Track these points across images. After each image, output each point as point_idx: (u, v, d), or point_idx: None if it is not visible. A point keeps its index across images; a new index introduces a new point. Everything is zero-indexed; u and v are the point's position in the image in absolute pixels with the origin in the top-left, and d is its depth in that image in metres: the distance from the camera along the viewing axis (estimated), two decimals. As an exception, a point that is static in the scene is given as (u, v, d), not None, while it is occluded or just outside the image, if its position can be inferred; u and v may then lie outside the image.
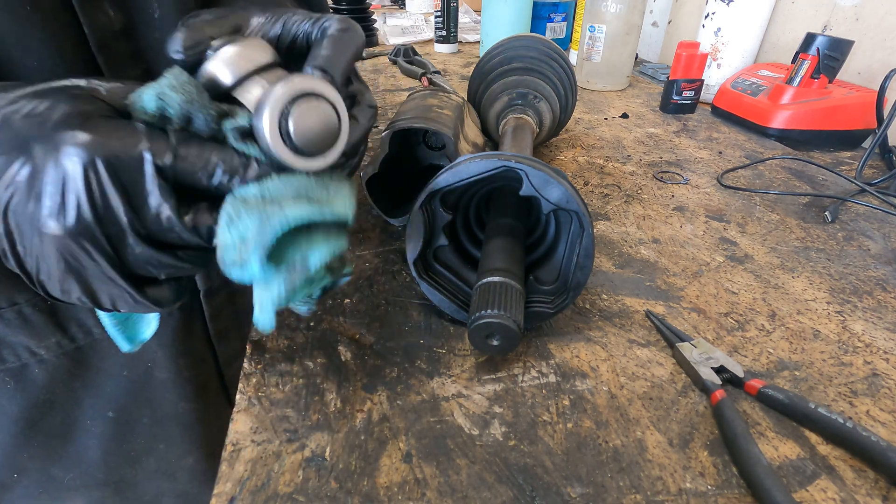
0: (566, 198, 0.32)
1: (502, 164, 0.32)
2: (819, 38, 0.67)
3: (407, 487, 0.27)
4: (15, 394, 0.39)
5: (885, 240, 0.49)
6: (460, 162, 0.33)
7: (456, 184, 0.33)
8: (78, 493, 0.46)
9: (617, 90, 0.98)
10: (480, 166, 0.32)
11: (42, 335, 0.38)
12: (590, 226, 0.33)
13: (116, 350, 0.42)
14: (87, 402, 0.43)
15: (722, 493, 0.26)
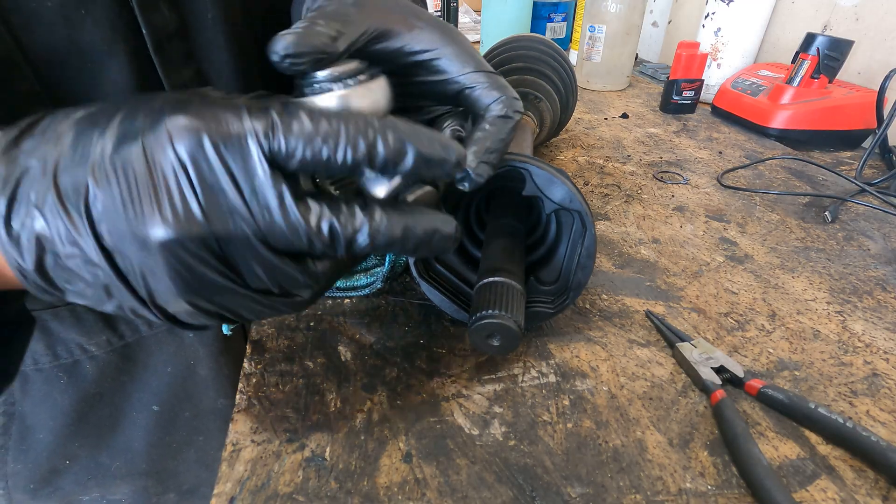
0: (569, 197, 0.32)
1: (506, 164, 0.32)
2: (819, 38, 0.67)
3: (407, 487, 0.27)
4: (67, 387, 0.42)
5: (885, 240, 0.49)
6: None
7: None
8: (123, 480, 0.48)
9: (617, 90, 0.98)
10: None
11: (93, 332, 0.40)
12: (592, 226, 0.33)
13: (162, 347, 0.44)
14: (134, 395, 0.45)
15: (722, 493, 0.26)
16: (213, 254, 0.19)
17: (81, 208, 0.18)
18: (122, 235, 0.18)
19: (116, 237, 0.18)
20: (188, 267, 0.19)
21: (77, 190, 0.18)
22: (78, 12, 0.28)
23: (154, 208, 0.18)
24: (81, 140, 0.18)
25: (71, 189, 0.18)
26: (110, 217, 0.18)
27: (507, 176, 0.33)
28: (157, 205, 0.18)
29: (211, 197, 0.18)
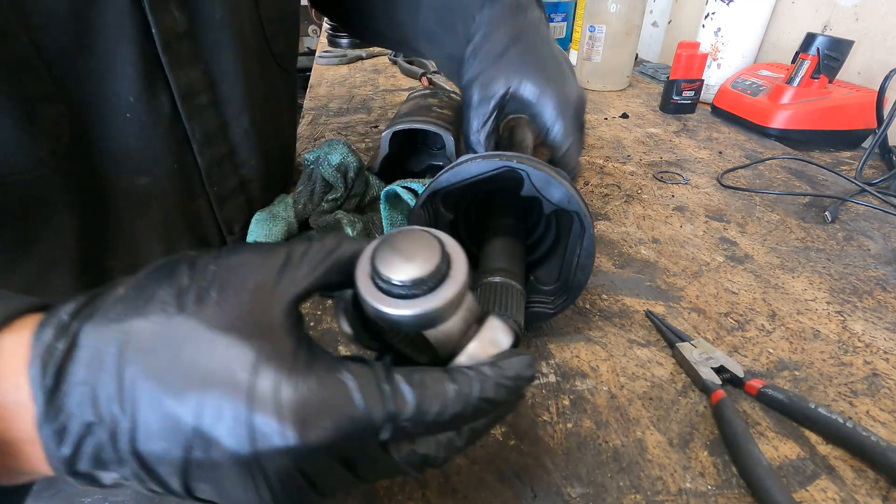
0: (567, 198, 0.32)
1: (503, 165, 0.32)
2: (819, 38, 0.67)
3: (407, 487, 0.27)
4: None
5: (885, 240, 0.49)
6: (461, 162, 0.33)
7: (457, 184, 0.33)
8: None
9: (617, 90, 0.98)
10: (481, 166, 0.32)
11: None
12: (591, 226, 0.33)
13: None
14: None
15: (722, 493, 0.26)
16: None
17: (177, 485, 0.17)
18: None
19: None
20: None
21: (163, 465, 0.17)
22: (90, 12, 0.28)
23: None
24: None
25: (155, 463, 0.17)
26: (202, 491, 0.17)
27: (505, 176, 0.32)
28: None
29: (328, 479, 0.18)
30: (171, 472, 0.17)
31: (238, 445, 0.16)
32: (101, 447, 0.16)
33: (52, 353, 0.16)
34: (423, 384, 0.18)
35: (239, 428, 0.16)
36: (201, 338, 0.17)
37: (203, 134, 0.36)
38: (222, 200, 0.40)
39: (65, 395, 0.16)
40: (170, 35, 0.32)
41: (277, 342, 0.17)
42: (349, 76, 1.04)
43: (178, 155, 0.35)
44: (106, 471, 0.17)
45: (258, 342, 0.17)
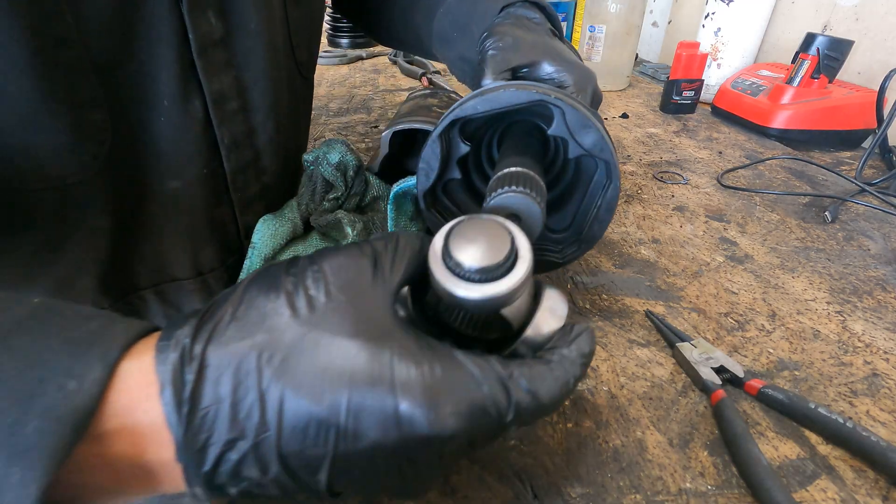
0: (601, 145, 0.29)
1: (540, 98, 0.29)
2: (819, 38, 0.67)
3: (407, 487, 0.27)
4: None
5: (885, 240, 0.49)
6: (492, 88, 0.30)
7: (484, 113, 0.30)
8: None
9: (617, 90, 0.98)
10: (516, 96, 0.29)
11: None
12: (618, 178, 0.30)
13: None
14: None
15: (722, 493, 0.26)
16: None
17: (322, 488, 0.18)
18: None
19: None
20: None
21: (309, 473, 0.18)
22: (133, 17, 0.29)
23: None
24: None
25: (301, 471, 0.18)
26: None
27: (531, 111, 0.30)
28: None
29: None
30: (315, 471, 0.18)
31: (385, 436, 0.17)
32: (243, 460, 0.17)
33: (183, 378, 0.17)
34: (532, 375, 0.20)
35: (386, 419, 0.17)
36: (329, 343, 0.18)
37: (231, 139, 0.36)
38: (245, 207, 0.40)
39: (202, 415, 0.17)
40: (206, 41, 0.32)
41: (400, 338, 0.19)
42: (349, 76, 1.04)
43: (207, 160, 0.36)
44: (239, 482, 0.18)
45: (384, 341, 0.18)
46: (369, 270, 0.20)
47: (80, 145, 0.28)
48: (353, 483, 0.19)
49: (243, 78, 0.36)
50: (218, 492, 0.18)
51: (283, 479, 0.18)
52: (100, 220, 0.31)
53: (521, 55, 0.36)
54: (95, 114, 0.28)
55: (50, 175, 0.27)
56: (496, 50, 0.36)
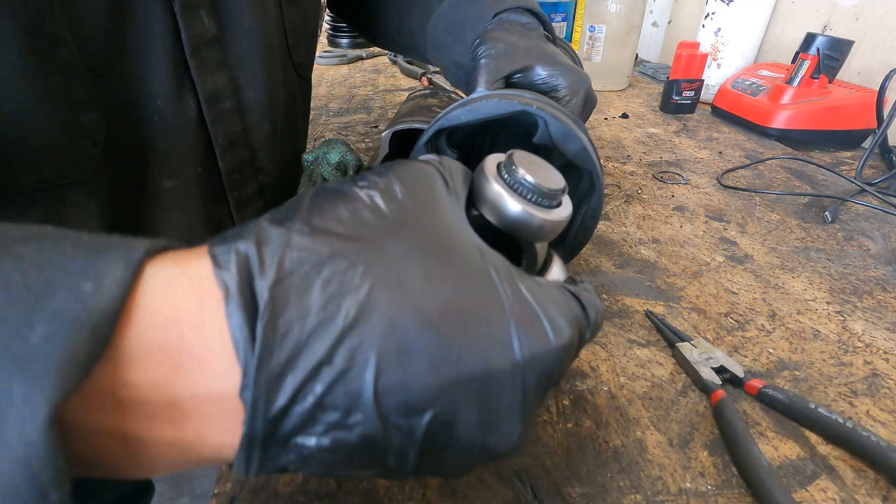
0: (584, 154, 0.29)
1: (522, 108, 0.29)
2: (819, 38, 0.67)
3: (407, 487, 0.27)
4: None
5: (885, 240, 0.49)
6: (475, 98, 0.30)
7: (467, 123, 0.30)
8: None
9: (617, 90, 0.98)
10: (497, 107, 0.29)
11: None
12: (601, 187, 0.30)
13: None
14: None
15: (722, 493, 0.26)
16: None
17: (416, 443, 0.15)
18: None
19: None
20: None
21: (410, 416, 0.15)
22: (126, 16, 0.29)
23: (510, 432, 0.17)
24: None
25: (398, 410, 0.15)
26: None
27: (519, 119, 0.30)
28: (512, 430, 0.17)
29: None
30: (413, 410, 0.15)
31: (502, 350, 0.16)
32: (328, 393, 0.14)
33: (253, 285, 0.14)
34: (589, 293, 0.20)
35: (502, 332, 0.16)
36: (430, 252, 0.16)
37: (226, 139, 0.36)
38: (241, 206, 0.40)
39: (283, 333, 0.14)
40: (199, 41, 0.32)
41: (491, 253, 0.17)
42: (349, 76, 1.04)
43: (202, 159, 0.36)
44: (311, 430, 0.14)
45: (482, 255, 0.17)
46: (443, 185, 0.19)
47: (74, 145, 0.28)
48: (453, 433, 0.16)
49: (237, 77, 0.36)
50: (272, 462, 0.15)
51: (372, 424, 0.14)
52: (95, 220, 0.31)
53: (514, 61, 0.36)
54: (89, 114, 0.28)
55: (44, 175, 0.27)
56: (488, 58, 0.36)
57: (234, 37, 0.35)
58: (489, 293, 0.16)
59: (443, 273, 0.16)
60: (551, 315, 0.17)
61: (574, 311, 0.18)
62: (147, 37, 0.30)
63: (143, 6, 0.29)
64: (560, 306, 0.18)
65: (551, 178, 0.21)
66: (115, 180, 0.31)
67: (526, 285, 0.17)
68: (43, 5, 0.25)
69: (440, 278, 0.15)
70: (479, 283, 0.16)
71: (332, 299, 0.14)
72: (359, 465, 0.16)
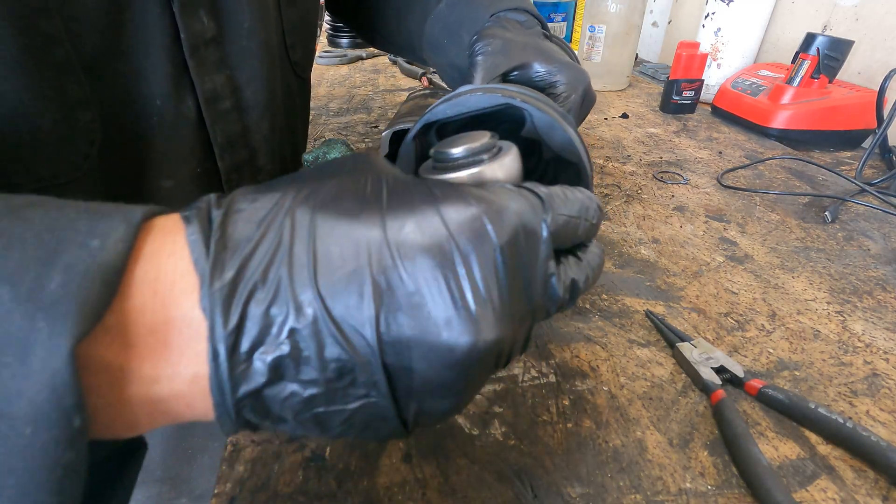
0: (569, 145, 0.29)
1: (505, 101, 0.29)
2: (819, 38, 0.67)
3: (407, 487, 0.27)
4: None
5: (885, 240, 0.49)
6: (461, 93, 0.30)
7: (453, 117, 0.30)
8: (138, 488, 0.49)
9: (617, 90, 0.98)
10: (481, 101, 0.29)
11: None
12: (590, 179, 0.30)
13: None
14: None
15: (722, 493, 0.26)
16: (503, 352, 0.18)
17: (367, 322, 0.15)
18: (410, 345, 0.16)
19: (403, 349, 0.16)
20: (485, 373, 0.17)
21: (349, 294, 0.15)
22: (123, 16, 0.29)
23: (462, 312, 0.16)
24: (339, 227, 0.16)
25: (340, 293, 0.15)
26: (399, 324, 0.16)
27: (507, 112, 0.30)
28: (464, 308, 0.16)
29: (516, 290, 0.18)
30: (357, 304, 0.15)
31: (441, 243, 0.16)
32: (276, 296, 0.15)
33: (210, 216, 0.16)
34: (555, 189, 0.20)
35: (438, 230, 0.16)
36: (379, 176, 0.18)
37: (225, 138, 0.36)
38: None
39: (231, 247, 0.15)
40: (198, 40, 0.32)
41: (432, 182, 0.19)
42: (349, 76, 1.04)
43: (201, 159, 0.36)
44: (267, 347, 0.15)
45: (425, 182, 0.18)
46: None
47: (70, 145, 0.28)
48: (404, 320, 0.16)
49: (237, 77, 0.36)
50: (246, 386, 0.15)
51: (323, 319, 0.15)
52: None
53: (511, 58, 0.35)
54: (85, 113, 0.28)
55: (39, 174, 0.27)
56: (485, 55, 0.36)
57: (233, 37, 0.35)
58: (428, 201, 0.17)
59: (391, 201, 0.17)
60: (495, 212, 0.17)
61: (517, 205, 0.18)
62: (145, 36, 0.30)
63: (142, 6, 0.29)
64: (505, 204, 0.18)
65: (461, 141, 0.22)
66: (111, 180, 0.31)
67: (476, 191, 0.18)
68: (38, 4, 0.24)
69: (382, 206, 0.17)
70: (420, 198, 0.17)
71: (270, 218, 0.16)
72: (337, 400, 0.16)
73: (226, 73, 0.35)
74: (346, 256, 0.16)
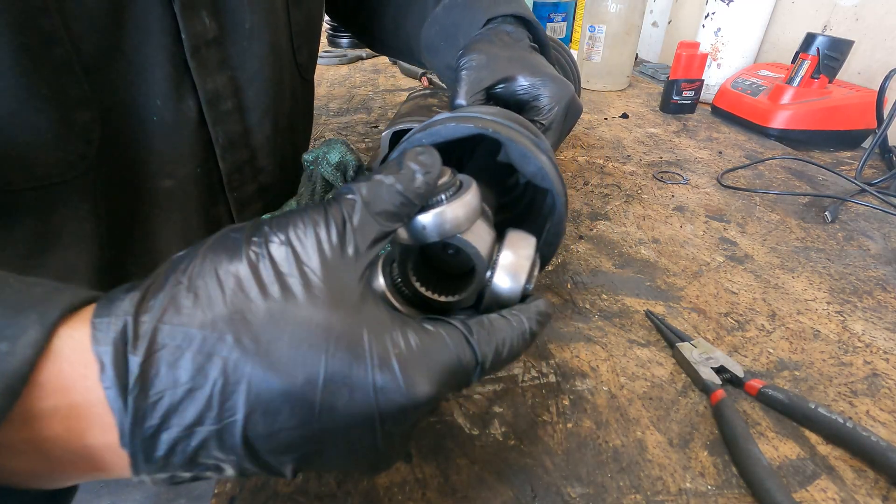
0: (541, 174, 0.30)
1: (479, 131, 0.29)
2: (819, 38, 0.67)
3: (407, 487, 0.27)
4: None
5: (885, 240, 0.49)
6: (437, 121, 0.31)
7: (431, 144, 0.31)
8: (136, 489, 0.49)
9: (617, 90, 0.98)
10: (455, 130, 0.30)
11: None
12: (563, 206, 0.31)
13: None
14: None
15: (722, 493, 0.26)
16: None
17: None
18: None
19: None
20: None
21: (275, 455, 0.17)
22: (123, 15, 0.29)
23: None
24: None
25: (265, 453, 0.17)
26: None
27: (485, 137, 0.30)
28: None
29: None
30: (283, 453, 0.17)
31: (361, 409, 0.17)
32: (202, 447, 0.16)
33: (126, 359, 0.15)
34: (492, 330, 0.21)
35: (363, 392, 0.17)
36: (301, 318, 0.17)
37: (226, 139, 0.36)
38: (241, 206, 0.40)
39: (154, 401, 0.16)
40: (199, 41, 0.32)
41: (372, 310, 0.18)
42: (349, 76, 1.04)
43: (201, 159, 0.36)
44: (194, 467, 0.17)
45: (357, 314, 0.18)
46: (337, 239, 0.19)
47: (67, 144, 0.28)
48: (323, 463, 0.19)
49: (238, 78, 0.36)
50: (167, 481, 0.17)
51: (247, 463, 0.17)
52: (90, 220, 0.31)
53: (495, 72, 0.36)
54: (83, 113, 0.28)
55: (35, 174, 0.27)
56: (469, 69, 0.36)
57: (235, 37, 0.35)
58: (356, 354, 0.17)
59: (310, 340, 0.17)
60: (412, 369, 0.18)
61: (446, 360, 0.19)
62: (146, 36, 0.30)
63: (142, 5, 0.29)
64: (430, 359, 0.18)
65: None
66: (110, 180, 0.31)
67: (398, 340, 0.18)
68: (37, 3, 0.24)
69: (307, 346, 0.17)
70: (347, 344, 0.17)
71: (200, 370, 0.16)
72: (242, 477, 0.19)
73: (227, 74, 0.35)
74: (280, 417, 0.16)
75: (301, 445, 0.17)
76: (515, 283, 0.24)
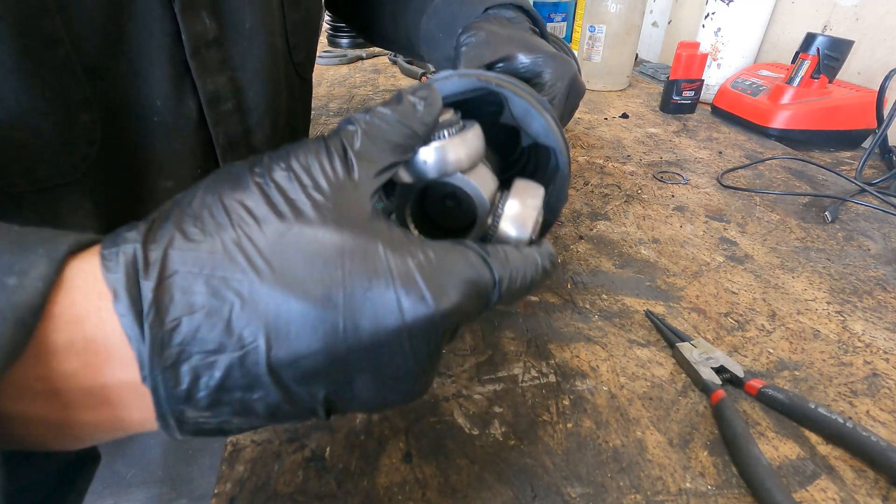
0: (545, 131, 0.29)
1: (481, 86, 0.28)
2: (819, 38, 0.67)
3: (407, 487, 0.27)
4: None
5: (885, 240, 0.49)
6: (437, 79, 0.30)
7: None
8: (138, 488, 0.49)
9: (617, 90, 0.98)
10: (456, 85, 0.29)
11: None
12: (567, 166, 0.30)
13: None
14: None
15: (722, 493, 0.26)
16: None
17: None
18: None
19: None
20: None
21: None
22: (123, 17, 0.29)
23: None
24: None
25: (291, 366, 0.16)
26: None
27: (488, 101, 0.29)
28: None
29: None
30: (311, 381, 0.16)
31: (387, 325, 0.16)
32: (227, 377, 0.15)
33: (139, 285, 0.15)
34: (507, 257, 0.20)
35: (386, 306, 0.16)
36: (315, 237, 0.16)
37: (227, 140, 0.36)
38: None
39: (172, 327, 0.15)
40: (199, 41, 0.32)
41: (386, 229, 0.18)
42: (349, 76, 1.04)
43: (201, 160, 0.36)
44: (221, 407, 0.16)
45: (372, 232, 0.17)
46: (340, 164, 0.19)
47: (69, 146, 0.28)
48: (355, 395, 0.18)
49: (239, 78, 0.36)
50: (191, 428, 0.16)
51: (275, 396, 0.16)
52: (91, 220, 0.31)
53: (495, 50, 0.35)
54: (85, 114, 0.28)
55: (38, 176, 0.27)
56: (469, 46, 0.36)
57: (235, 38, 0.35)
58: (373, 268, 0.17)
59: (326, 255, 0.16)
60: (435, 280, 0.17)
61: (466, 273, 0.18)
62: (146, 37, 0.30)
63: (142, 6, 0.29)
64: (450, 270, 0.18)
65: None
66: (111, 180, 0.31)
67: (416, 253, 0.18)
68: (38, 4, 0.24)
69: (322, 262, 0.16)
70: (362, 258, 0.17)
71: (215, 294, 0.15)
72: (274, 422, 0.17)
73: (227, 74, 0.35)
74: (304, 338, 0.16)
75: (329, 372, 0.16)
76: (522, 232, 0.23)
